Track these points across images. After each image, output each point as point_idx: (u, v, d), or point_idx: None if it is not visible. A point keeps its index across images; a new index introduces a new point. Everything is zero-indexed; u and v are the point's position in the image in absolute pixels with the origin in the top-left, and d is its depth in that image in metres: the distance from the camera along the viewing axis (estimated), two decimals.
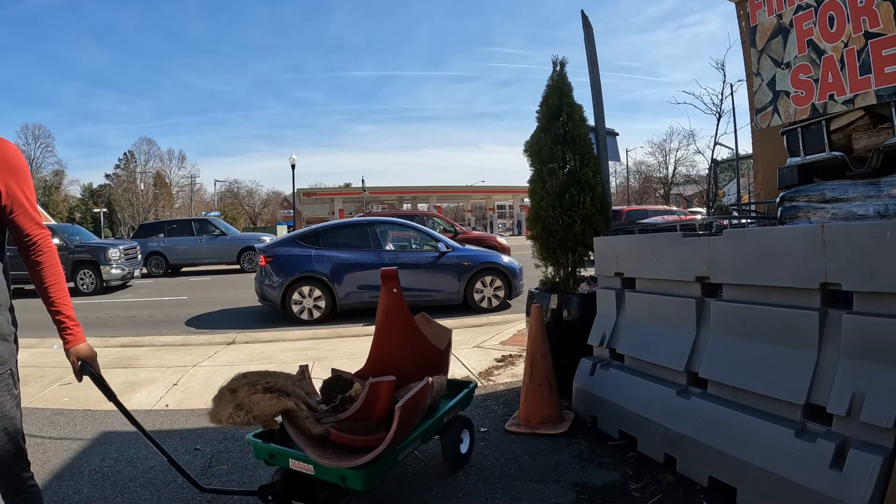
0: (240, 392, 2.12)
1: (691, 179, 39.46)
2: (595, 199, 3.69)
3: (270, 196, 53.98)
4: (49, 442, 3.15)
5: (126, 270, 11.67)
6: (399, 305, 2.55)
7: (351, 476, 1.99)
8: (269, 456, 2.19)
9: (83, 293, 10.93)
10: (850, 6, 2.83)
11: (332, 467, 2.00)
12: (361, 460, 1.98)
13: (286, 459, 2.14)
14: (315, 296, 7.21)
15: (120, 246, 11.89)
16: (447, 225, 15.50)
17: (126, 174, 52.37)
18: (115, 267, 11.24)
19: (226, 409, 2.07)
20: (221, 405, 2.10)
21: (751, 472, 2.07)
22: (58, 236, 11.39)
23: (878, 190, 2.86)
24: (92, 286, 11.07)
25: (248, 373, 2.26)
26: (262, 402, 2.09)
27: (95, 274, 11.07)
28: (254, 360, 4.97)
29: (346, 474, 1.99)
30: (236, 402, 2.08)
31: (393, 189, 43.48)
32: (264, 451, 2.20)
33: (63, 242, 11.25)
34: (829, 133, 3.17)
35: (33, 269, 1.64)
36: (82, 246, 11.50)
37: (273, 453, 2.18)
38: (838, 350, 1.92)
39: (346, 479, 2.00)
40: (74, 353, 1.73)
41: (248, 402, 2.08)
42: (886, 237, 1.79)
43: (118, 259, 11.38)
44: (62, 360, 5.75)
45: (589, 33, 4.13)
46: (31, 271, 1.64)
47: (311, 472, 2.08)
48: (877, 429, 1.74)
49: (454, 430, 2.64)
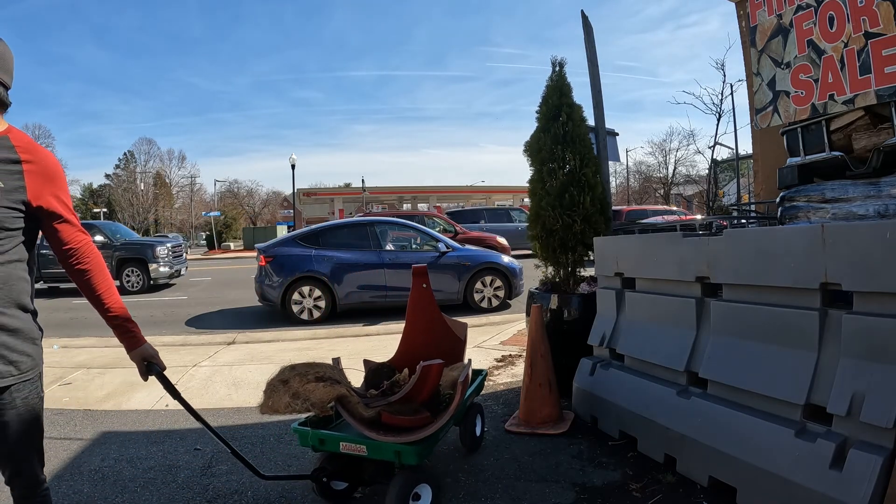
0: (292, 382, 2.24)
1: (691, 179, 39.42)
2: (595, 199, 3.69)
3: (270, 196, 53.95)
4: (49, 442, 3.13)
5: (173, 268, 11.58)
6: (428, 299, 2.72)
7: (406, 451, 2.13)
8: (319, 442, 2.28)
9: (130, 291, 10.82)
10: (850, 6, 2.83)
11: (391, 443, 2.14)
12: (418, 436, 2.15)
13: (337, 443, 2.25)
14: (315, 296, 7.21)
15: (167, 243, 11.81)
16: (447, 225, 15.50)
17: (126, 174, 52.37)
18: (163, 265, 11.13)
19: (283, 399, 2.19)
20: (276, 396, 2.21)
21: (751, 472, 2.06)
22: (100, 234, 11.31)
23: (878, 190, 2.86)
24: (139, 284, 10.95)
25: (295, 364, 2.37)
26: (317, 390, 2.21)
27: (143, 272, 10.95)
28: (254, 360, 4.97)
29: (401, 450, 2.13)
30: (292, 391, 2.21)
31: (393, 189, 43.44)
32: (314, 437, 2.29)
33: (107, 240, 11.16)
34: (829, 133, 3.17)
35: (80, 278, 1.60)
36: (129, 244, 11.40)
37: (323, 439, 2.28)
38: (838, 350, 1.92)
39: (402, 454, 2.13)
40: (139, 355, 1.72)
41: (304, 390, 2.20)
42: (886, 237, 1.79)
43: (166, 257, 11.28)
44: (62, 359, 5.76)
45: (589, 33, 4.13)
46: (78, 279, 1.60)
47: (364, 453, 2.19)
48: (877, 429, 1.74)
49: (471, 415, 2.82)
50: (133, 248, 11.19)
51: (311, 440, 2.29)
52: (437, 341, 2.69)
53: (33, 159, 1.47)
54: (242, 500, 2.44)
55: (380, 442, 2.15)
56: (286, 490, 2.51)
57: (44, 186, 1.48)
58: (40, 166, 1.49)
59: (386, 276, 7.38)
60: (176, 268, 11.75)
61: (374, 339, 5.82)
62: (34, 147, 1.51)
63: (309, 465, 2.75)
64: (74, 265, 1.58)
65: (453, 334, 2.78)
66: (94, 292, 1.61)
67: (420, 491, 2.20)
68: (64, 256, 1.56)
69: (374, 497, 2.41)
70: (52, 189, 1.51)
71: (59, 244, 1.55)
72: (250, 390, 4.08)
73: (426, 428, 2.19)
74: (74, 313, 8.71)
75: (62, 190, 1.55)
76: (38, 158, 1.49)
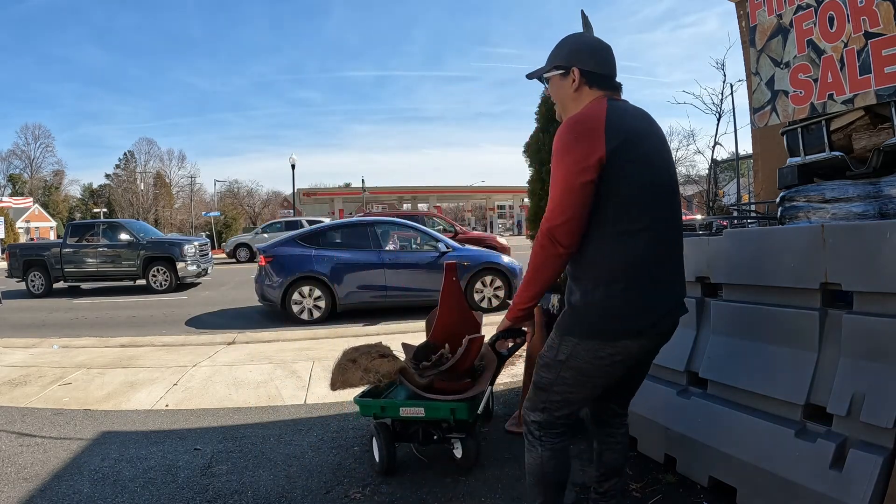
0: (360, 360, 2.67)
1: (691, 179, 39.38)
2: None
3: (270, 196, 53.89)
4: (49, 442, 3.15)
5: (200, 267, 11.52)
6: (457, 290, 3.13)
7: (460, 408, 2.51)
8: (381, 409, 2.62)
9: (156, 290, 10.79)
10: (850, 6, 2.83)
11: (447, 403, 2.53)
12: (468, 394, 2.58)
13: (397, 409, 2.60)
14: (315, 296, 7.21)
15: (195, 242, 11.77)
16: (447, 225, 15.51)
17: (126, 174, 52.38)
18: (190, 263, 11.07)
19: (356, 374, 2.59)
20: (349, 372, 2.61)
21: (751, 472, 2.06)
22: (127, 232, 11.28)
23: (878, 190, 2.86)
24: (166, 283, 10.90)
25: (357, 346, 2.85)
26: (384, 364, 2.63)
27: (170, 270, 10.89)
28: (254, 360, 4.97)
29: (456, 407, 2.51)
30: (363, 367, 2.61)
31: (393, 189, 43.45)
32: (376, 406, 2.63)
33: (133, 239, 11.11)
34: (829, 133, 3.16)
35: None
36: (156, 242, 11.34)
37: (384, 406, 2.62)
38: (838, 350, 1.92)
39: (456, 411, 2.51)
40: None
41: (373, 366, 2.61)
42: (886, 237, 1.78)
43: (193, 255, 11.23)
44: (62, 359, 5.76)
45: (589, 33, 4.13)
46: None
47: (421, 415, 2.56)
48: (877, 429, 1.73)
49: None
50: (160, 246, 11.14)
51: (374, 409, 2.63)
52: (463, 324, 3.05)
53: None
54: (242, 500, 2.44)
55: (437, 403, 2.55)
56: (286, 490, 2.51)
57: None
58: None
59: (386, 276, 7.38)
60: (203, 266, 11.69)
61: (375, 339, 5.81)
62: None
63: (309, 465, 2.76)
64: None
65: (474, 319, 3.18)
66: None
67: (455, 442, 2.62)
68: None
69: (375, 497, 2.42)
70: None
71: None
72: (250, 390, 4.08)
73: (475, 387, 2.63)
74: (74, 313, 8.71)
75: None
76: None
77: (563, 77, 1.66)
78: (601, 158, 1.49)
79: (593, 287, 1.58)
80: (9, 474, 2.74)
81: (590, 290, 1.58)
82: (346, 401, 3.76)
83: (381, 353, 2.74)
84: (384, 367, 2.61)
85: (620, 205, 1.52)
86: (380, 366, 2.61)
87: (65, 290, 11.38)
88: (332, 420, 3.42)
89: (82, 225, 12.68)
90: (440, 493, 2.43)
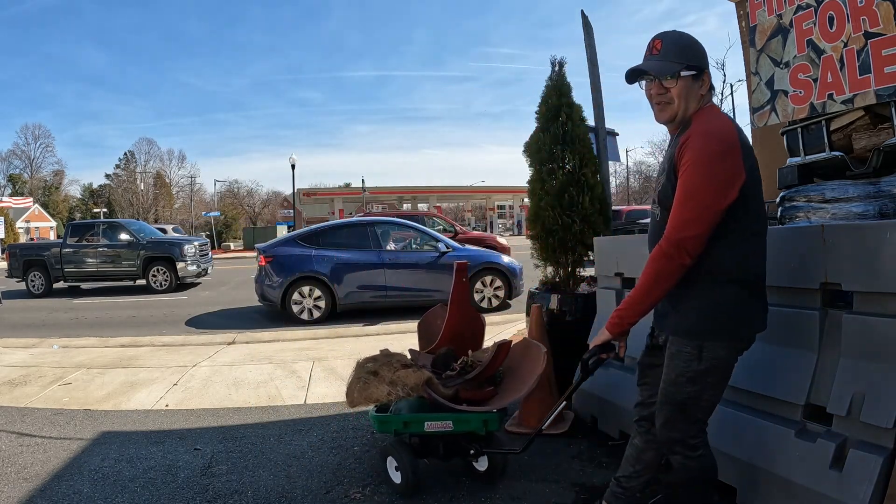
0: (383, 372, 2.43)
1: None
2: (594, 199, 3.69)
3: (270, 196, 53.90)
4: (49, 442, 3.15)
5: (200, 267, 11.49)
6: (467, 292, 3.11)
7: (492, 419, 2.37)
8: (403, 425, 2.41)
9: (156, 290, 10.77)
10: (850, 6, 2.83)
11: (478, 413, 2.37)
12: (502, 403, 2.44)
13: (422, 424, 2.39)
14: (315, 296, 7.21)
15: (195, 242, 11.74)
16: (447, 225, 15.51)
17: (126, 174, 52.39)
18: (190, 263, 11.04)
19: (381, 388, 2.36)
20: (372, 387, 2.39)
21: (751, 472, 2.06)
22: (126, 232, 11.25)
23: (878, 190, 2.86)
24: (166, 283, 10.87)
25: (373, 357, 2.61)
26: (409, 375, 2.38)
27: (170, 270, 10.86)
28: (254, 360, 4.97)
29: (489, 418, 2.37)
30: (388, 380, 2.38)
31: (393, 189, 43.45)
32: (397, 421, 2.42)
33: (133, 239, 11.09)
34: (829, 133, 3.16)
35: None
36: (156, 242, 11.31)
37: (407, 421, 2.41)
38: (838, 350, 1.92)
39: (489, 422, 2.36)
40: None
41: (397, 378, 2.38)
42: (886, 237, 1.78)
43: (193, 255, 11.19)
44: (62, 359, 5.75)
45: (589, 33, 4.13)
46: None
47: (449, 428, 2.37)
48: (877, 429, 1.73)
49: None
50: (160, 246, 11.12)
51: (395, 425, 2.42)
52: (470, 328, 3.00)
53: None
54: (242, 500, 2.44)
55: (467, 415, 2.36)
56: (286, 490, 2.52)
57: None
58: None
59: (386, 276, 7.38)
60: (203, 266, 11.67)
61: (374, 339, 5.82)
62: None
63: (309, 465, 2.76)
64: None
65: (480, 321, 3.12)
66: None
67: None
68: None
69: (375, 497, 2.42)
70: None
71: None
72: (250, 390, 4.08)
73: (503, 395, 2.48)
74: (74, 313, 8.71)
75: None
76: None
77: (695, 79, 1.65)
78: (744, 180, 1.56)
79: (712, 289, 1.63)
80: (9, 474, 2.74)
81: (707, 292, 1.63)
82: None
83: (403, 364, 2.51)
84: (411, 378, 2.37)
85: (746, 210, 1.60)
86: (406, 377, 2.38)
87: (65, 290, 11.38)
88: (332, 420, 3.42)
89: (82, 225, 12.67)
90: (440, 492, 2.43)
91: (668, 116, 1.68)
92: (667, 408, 1.71)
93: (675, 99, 1.65)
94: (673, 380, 1.69)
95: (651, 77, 1.67)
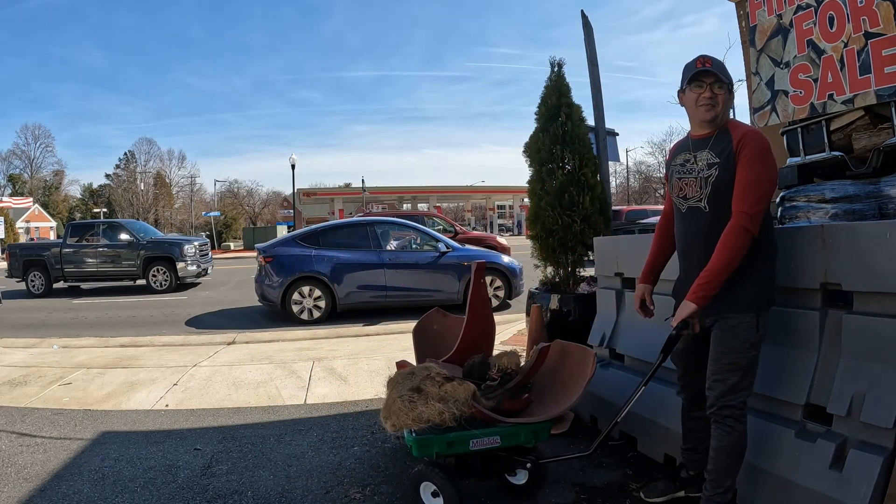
0: (428, 388, 2.14)
1: None
2: (594, 199, 3.69)
3: (270, 196, 53.91)
4: (49, 442, 3.15)
5: (200, 267, 11.47)
6: (485, 290, 2.98)
7: (542, 429, 2.23)
8: (447, 445, 2.15)
9: (156, 290, 10.75)
10: (850, 6, 2.83)
11: (528, 425, 2.20)
12: (552, 413, 2.25)
13: (467, 443, 2.15)
14: (315, 296, 7.20)
15: (195, 241, 11.72)
16: (447, 225, 15.51)
17: (126, 174, 52.41)
18: (190, 263, 11.01)
19: (433, 407, 2.07)
20: (421, 406, 2.08)
21: (751, 472, 2.06)
22: (126, 232, 11.23)
23: (878, 190, 2.86)
24: (166, 283, 10.85)
25: (409, 372, 2.29)
26: (457, 389, 2.14)
27: (170, 270, 10.84)
28: (254, 360, 4.97)
29: (538, 428, 2.22)
30: (437, 396, 2.10)
31: (393, 189, 43.45)
32: (441, 442, 2.14)
33: (133, 239, 11.08)
34: (829, 133, 3.16)
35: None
36: (156, 242, 11.28)
37: (452, 441, 2.15)
38: (838, 350, 1.92)
39: (539, 433, 2.22)
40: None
41: (445, 393, 2.11)
42: (886, 237, 1.78)
43: (193, 255, 11.17)
44: (62, 359, 5.74)
45: (589, 33, 4.13)
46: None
47: (497, 444, 2.18)
48: (877, 429, 1.74)
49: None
50: (160, 246, 11.10)
51: (439, 446, 2.14)
52: (486, 331, 2.93)
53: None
54: (242, 500, 2.44)
55: (515, 427, 2.18)
56: (286, 490, 2.51)
57: None
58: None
59: (386, 276, 7.38)
60: (203, 266, 11.65)
61: (374, 339, 5.82)
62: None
63: (309, 465, 2.76)
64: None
65: (493, 324, 3.01)
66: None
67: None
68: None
69: (375, 497, 2.41)
70: None
71: None
72: (250, 390, 4.08)
73: (562, 401, 2.30)
74: (74, 313, 8.71)
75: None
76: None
77: (730, 91, 1.99)
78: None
79: (764, 264, 1.94)
80: (9, 474, 2.74)
81: (761, 267, 1.93)
82: (347, 401, 3.77)
83: (446, 377, 2.21)
84: (459, 392, 2.11)
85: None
86: (454, 391, 2.11)
87: (65, 290, 11.38)
88: (332, 420, 3.42)
89: (82, 225, 12.66)
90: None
91: (712, 116, 1.96)
92: (734, 375, 1.90)
93: (720, 104, 1.96)
94: (737, 348, 1.90)
95: (712, 81, 1.95)
